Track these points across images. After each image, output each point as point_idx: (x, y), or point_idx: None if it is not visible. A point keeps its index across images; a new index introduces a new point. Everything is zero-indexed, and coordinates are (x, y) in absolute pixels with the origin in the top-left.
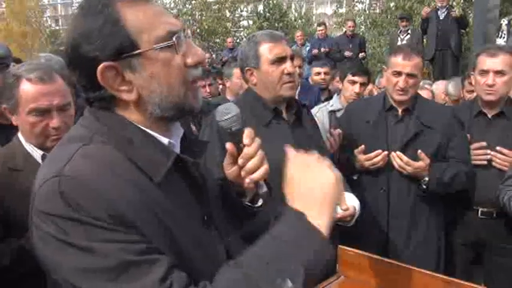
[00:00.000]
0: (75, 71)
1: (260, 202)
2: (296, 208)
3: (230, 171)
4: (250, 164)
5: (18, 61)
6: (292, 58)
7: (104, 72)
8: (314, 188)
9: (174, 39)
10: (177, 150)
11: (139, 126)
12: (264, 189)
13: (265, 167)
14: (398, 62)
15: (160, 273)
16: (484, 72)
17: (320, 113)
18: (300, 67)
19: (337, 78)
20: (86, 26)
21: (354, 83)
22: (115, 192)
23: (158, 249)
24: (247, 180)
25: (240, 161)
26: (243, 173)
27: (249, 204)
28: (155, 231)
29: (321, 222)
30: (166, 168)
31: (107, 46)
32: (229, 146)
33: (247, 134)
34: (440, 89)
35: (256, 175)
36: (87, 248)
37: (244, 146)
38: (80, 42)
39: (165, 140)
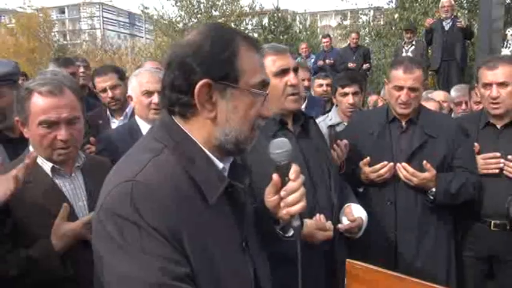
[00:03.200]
0: (174, 71)
1: (291, 233)
2: None
3: (271, 199)
4: (291, 198)
5: (25, 75)
6: (295, 70)
7: (203, 86)
8: None
9: (266, 92)
10: (226, 174)
11: (202, 147)
12: (298, 222)
13: (303, 203)
14: (399, 76)
15: None
16: (487, 85)
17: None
18: (308, 80)
19: None
20: (206, 47)
21: (345, 94)
22: (175, 206)
23: (193, 279)
24: (284, 211)
25: (283, 193)
26: (282, 204)
27: (281, 232)
28: (197, 252)
29: None
30: (220, 191)
31: (216, 68)
32: (275, 177)
33: (295, 169)
34: (438, 98)
35: (295, 209)
36: (135, 256)
37: (289, 179)
38: (192, 54)
39: (220, 165)
